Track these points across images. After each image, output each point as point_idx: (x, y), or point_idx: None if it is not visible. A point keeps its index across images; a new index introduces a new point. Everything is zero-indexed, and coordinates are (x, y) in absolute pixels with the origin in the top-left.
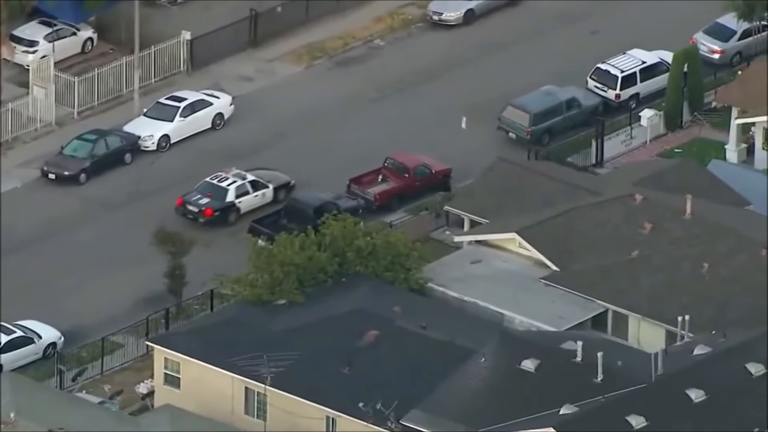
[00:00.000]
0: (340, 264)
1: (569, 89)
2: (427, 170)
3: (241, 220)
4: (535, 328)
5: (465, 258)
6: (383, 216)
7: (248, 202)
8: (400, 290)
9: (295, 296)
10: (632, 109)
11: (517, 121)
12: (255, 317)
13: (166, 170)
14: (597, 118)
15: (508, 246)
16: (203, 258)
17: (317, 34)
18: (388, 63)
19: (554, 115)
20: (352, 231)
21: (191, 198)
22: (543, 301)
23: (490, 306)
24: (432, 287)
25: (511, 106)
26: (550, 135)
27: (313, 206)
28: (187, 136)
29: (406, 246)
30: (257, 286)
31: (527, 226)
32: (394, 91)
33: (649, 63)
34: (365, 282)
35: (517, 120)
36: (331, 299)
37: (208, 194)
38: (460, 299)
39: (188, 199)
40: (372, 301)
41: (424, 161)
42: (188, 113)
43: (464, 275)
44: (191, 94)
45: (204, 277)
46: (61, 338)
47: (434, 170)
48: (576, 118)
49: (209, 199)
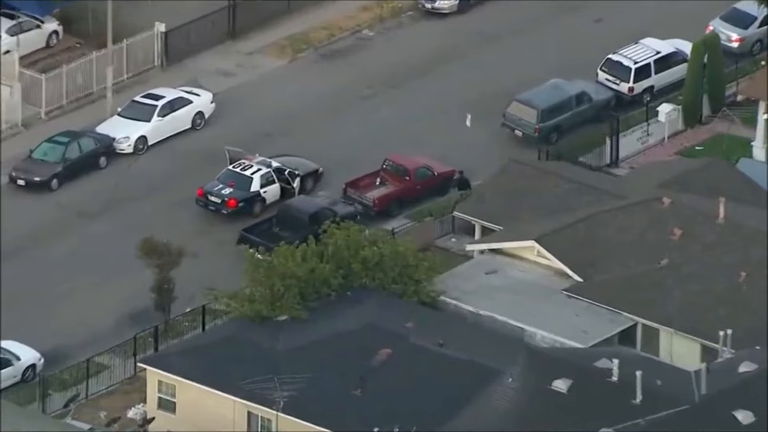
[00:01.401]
0: (344, 276)
1: (578, 83)
2: (429, 172)
3: (268, 211)
4: (559, 344)
5: (479, 268)
6: (383, 223)
7: (274, 192)
8: (411, 304)
9: (298, 312)
10: (647, 104)
11: (524, 118)
12: (256, 335)
13: (145, 174)
14: (611, 114)
15: (525, 255)
16: (189, 270)
17: (301, 24)
18: (378, 55)
19: (563, 111)
20: (357, 240)
21: (213, 188)
22: (566, 314)
23: (509, 320)
24: (444, 300)
25: (516, 101)
26: (558, 132)
27: (308, 213)
28: (165, 137)
29: (416, 256)
30: (256, 301)
31: (546, 233)
32: (387, 86)
33: (664, 53)
34: (372, 295)
35: (523, 116)
36: (337, 315)
37: (230, 183)
38: (476, 313)
39: (209, 189)
40: (382, 316)
41: (425, 162)
42: (166, 112)
43: (479, 287)
44: (169, 92)
45: (191, 291)
46: (41, 359)
47: (437, 172)
48: (587, 113)
49: (232, 189)
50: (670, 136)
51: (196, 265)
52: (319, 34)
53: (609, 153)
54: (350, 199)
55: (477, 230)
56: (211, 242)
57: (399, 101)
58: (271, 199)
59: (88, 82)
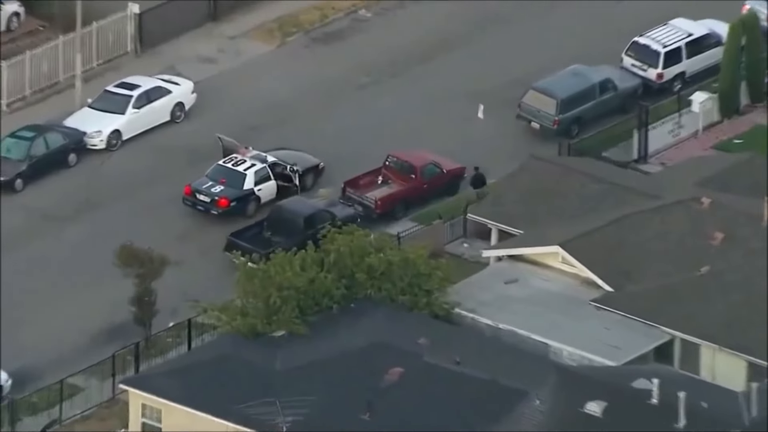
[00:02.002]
0: (347, 287)
1: (602, 69)
2: (438, 169)
3: (261, 211)
4: (588, 362)
5: (497, 277)
6: (386, 226)
7: (270, 190)
8: (423, 317)
9: (296, 327)
10: (677, 92)
11: (542, 109)
12: (250, 353)
13: (120, 173)
14: (638, 103)
15: (548, 262)
16: (172, 279)
17: (290, 4)
18: (376, 39)
19: (585, 101)
20: (362, 246)
21: (201, 186)
22: (595, 328)
23: (532, 335)
24: (459, 313)
25: (533, 90)
26: (580, 125)
27: (303, 215)
28: (142, 131)
29: (428, 264)
30: (250, 315)
31: (571, 237)
32: (387, 74)
33: (696, 35)
34: (380, 308)
35: (541, 107)
36: (341, 330)
37: (221, 181)
38: (495, 327)
39: (198, 187)
40: (391, 331)
41: (432, 159)
42: (143, 103)
43: (497, 298)
44: (145, 81)
45: (174, 304)
46: (8, 380)
47: (445, 169)
48: (611, 103)
49: (223, 187)
50: (705, 128)
51: (180, 274)
52: (310, 15)
53: (637, 147)
54: (350, 200)
55: (493, 234)
56: (196, 247)
57: (401, 90)
58: (266, 198)
59: (53, 70)
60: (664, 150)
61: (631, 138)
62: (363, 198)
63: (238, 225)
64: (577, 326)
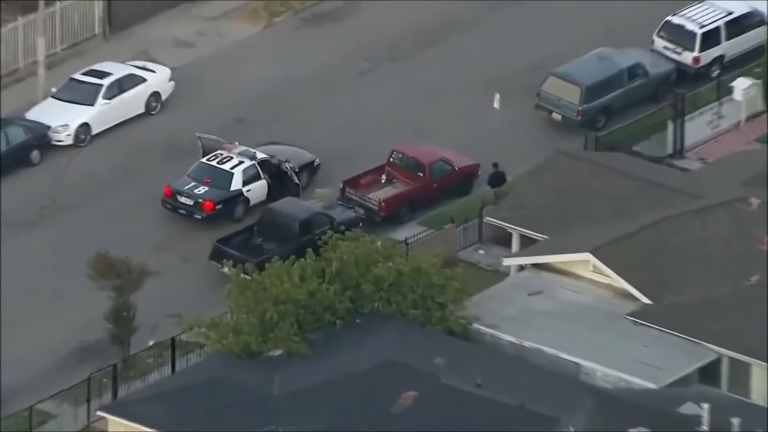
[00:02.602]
0: (352, 300)
1: (631, 52)
2: (448, 167)
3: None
4: (625, 383)
5: (519, 288)
6: (391, 230)
7: (260, 191)
8: (437, 334)
9: (296, 345)
10: (716, 77)
11: (563, 97)
12: (244, 375)
13: (89, 172)
14: (672, 91)
15: (577, 271)
16: (151, 292)
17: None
18: (375, 19)
19: (613, 88)
20: (368, 254)
21: (183, 186)
22: (631, 345)
23: (561, 354)
24: (478, 329)
25: (554, 76)
26: (607, 115)
27: (298, 219)
28: (113, 125)
29: (442, 274)
30: (243, 332)
31: (604, 243)
32: (388, 58)
33: (737, 14)
34: (389, 324)
35: (562, 95)
36: (346, 348)
37: (205, 180)
38: (519, 345)
39: (179, 188)
40: (402, 349)
41: (442, 155)
42: (114, 93)
43: (521, 312)
44: (117, 68)
45: (154, 320)
46: None
47: (457, 166)
48: (641, 90)
49: (207, 187)
50: (748, 119)
51: (160, 286)
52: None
53: (672, 141)
54: (349, 202)
55: (515, 240)
56: (178, 256)
57: (405, 78)
58: (256, 200)
59: (12, 56)
60: (703, 143)
61: (665, 130)
62: (365, 199)
63: (225, 230)
64: (611, 343)
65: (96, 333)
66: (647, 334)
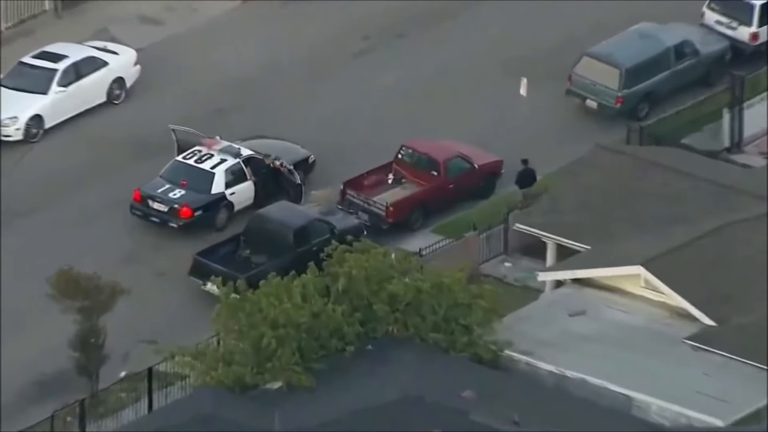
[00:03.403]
0: (362, 322)
1: (677, 27)
2: (467, 164)
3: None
4: (685, 420)
5: (558, 307)
6: (401, 239)
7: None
8: (463, 362)
9: (298, 376)
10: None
11: (600, 81)
12: (239, 412)
13: (43, 172)
14: (731, 73)
15: (626, 287)
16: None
17: None
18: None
19: (657, 70)
20: (381, 269)
21: (155, 190)
22: (692, 374)
23: (609, 385)
24: (511, 356)
25: (588, 57)
26: (650, 102)
27: (292, 228)
28: (71, 117)
29: (467, 292)
30: (236, 362)
31: (657, 254)
32: (389, 35)
33: None
34: (407, 350)
35: (599, 79)
36: (357, 380)
37: (182, 182)
38: (559, 375)
39: (151, 191)
40: (423, 380)
41: (459, 150)
42: (71, 80)
43: (560, 336)
44: (73, 49)
45: (125, 346)
46: None
47: (477, 164)
48: (691, 72)
49: (184, 191)
50: None
51: (131, 307)
52: None
53: (729, 132)
54: (351, 206)
55: (549, 250)
56: (150, 271)
57: (411, 59)
58: (241, 204)
59: None
60: (763, 135)
61: (720, 120)
62: (369, 203)
63: (206, 241)
64: (668, 372)
65: (59, 363)
66: (710, 360)
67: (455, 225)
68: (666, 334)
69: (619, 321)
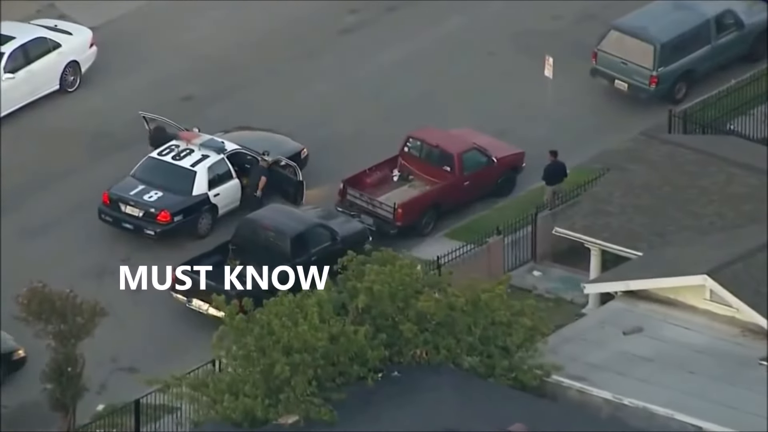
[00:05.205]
0: (387, 345)
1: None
2: (484, 158)
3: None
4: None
5: (610, 325)
6: (411, 245)
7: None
8: (506, 390)
9: (316, 408)
10: None
11: (630, 59)
12: None
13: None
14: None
15: (688, 300)
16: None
17: None
18: None
19: (696, 46)
20: (408, 282)
21: (127, 192)
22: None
23: (675, 414)
24: (560, 382)
25: (616, 31)
26: (689, 82)
27: (289, 234)
28: (19, 107)
29: (508, 307)
30: (243, 393)
31: (723, 261)
32: (379, 9)
33: None
34: (439, 377)
35: (629, 57)
36: (383, 412)
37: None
38: (617, 403)
39: (121, 193)
40: (460, 411)
41: (475, 142)
42: (19, 65)
43: (615, 357)
44: (19, 29)
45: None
46: None
47: (496, 157)
48: (734, 47)
49: (161, 193)
50: None
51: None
52: None
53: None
54: (352, 207)
55: (593, 258)
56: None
57: (404, 35)
58: (226, 207)
59: None
60: None
61: None
62: (374, 204)
63: (189, 250)
64: (741, 398)
65: (30, 395)
66: None
67: (473, 228)
68: (737, 354)
69: (682, 339)
